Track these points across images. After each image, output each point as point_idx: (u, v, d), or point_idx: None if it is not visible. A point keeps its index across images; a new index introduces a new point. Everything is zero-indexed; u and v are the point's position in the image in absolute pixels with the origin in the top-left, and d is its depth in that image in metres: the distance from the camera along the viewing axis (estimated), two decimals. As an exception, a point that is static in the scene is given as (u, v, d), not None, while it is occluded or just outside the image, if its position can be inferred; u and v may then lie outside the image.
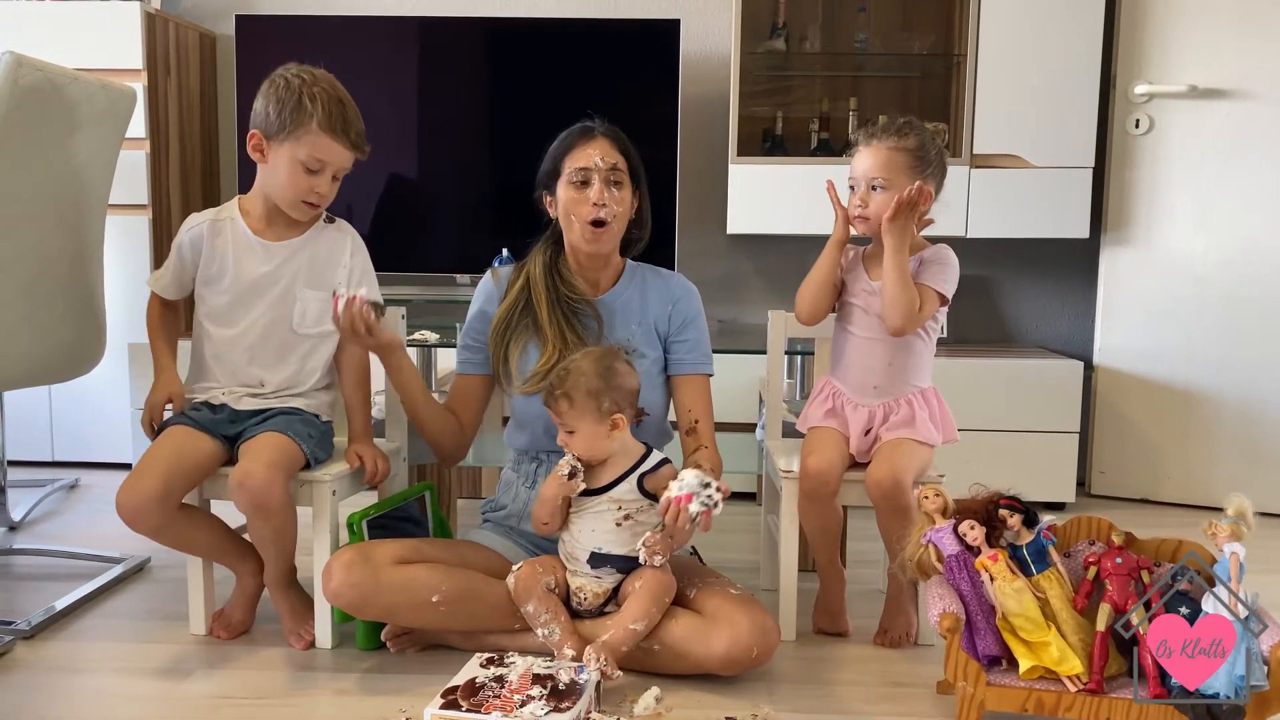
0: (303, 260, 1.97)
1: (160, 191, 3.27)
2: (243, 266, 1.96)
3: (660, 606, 1.77)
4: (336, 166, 1.91)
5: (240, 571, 2.00)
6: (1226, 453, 3.05)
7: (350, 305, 1.82)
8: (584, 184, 1.92)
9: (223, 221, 1.98)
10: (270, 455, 1.80)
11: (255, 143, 1.90)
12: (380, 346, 1.91)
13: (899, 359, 2.01)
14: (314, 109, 1.84)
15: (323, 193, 1.91)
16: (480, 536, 2.02)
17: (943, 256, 2.00)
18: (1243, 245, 3.00)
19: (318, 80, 1.88)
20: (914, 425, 1.98)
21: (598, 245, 1.94)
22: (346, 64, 3.21)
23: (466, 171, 3.27)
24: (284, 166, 1.88)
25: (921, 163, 1.95)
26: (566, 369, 1.81)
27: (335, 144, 1.88)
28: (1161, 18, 3.02)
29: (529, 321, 1.98)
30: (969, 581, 1.69)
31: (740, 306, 3.49)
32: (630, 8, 3.42)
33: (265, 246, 1.96)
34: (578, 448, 1.80)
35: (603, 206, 1.90)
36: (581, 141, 1.94)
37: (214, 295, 1.97)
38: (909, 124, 1.98)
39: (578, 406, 1.78)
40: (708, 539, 2.67)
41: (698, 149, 3.34)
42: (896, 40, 3.27)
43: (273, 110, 1.86)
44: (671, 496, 1.71)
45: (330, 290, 1.97)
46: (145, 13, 3.16)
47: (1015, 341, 3.48)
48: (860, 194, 1.98)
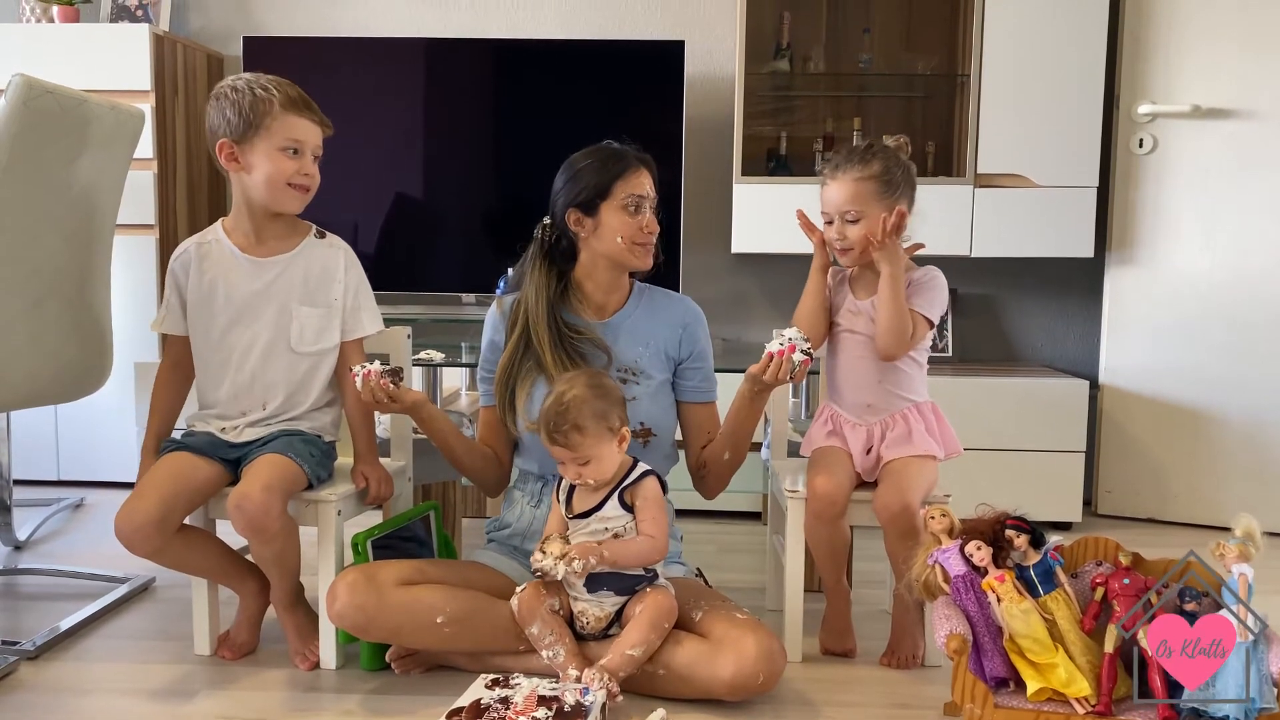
0: (296, 276, 1.97)
1: (167, 211, 3.28)
2: (234, 286, 1.95)
3: (659, 632, 1.76)
4: (312, 145, 1.93)
5: (243, 592, 1.99)
6: (1233, 472, 3.03)
7: (367, 380, 1.82)
8: (638, 210, 1.96)
9: (208, 244, 1.99)
10: (268, 478, 1.80)
11: (227, 153, 1.90)
12: (407, 409, 1.91)
13: (889, 375, 2.02)
14: (271, 95, 1.88)
15: (310, 173, 1.93)
16: (485, 557, 2.02)
17: (930, 280, 2.02)
18: (1247, 264, 3.00)
19: (260, 75, 1.92)
20: (911, 440, 1.98)
21: (649, 260, 1.99)
22: (353, 84, 3.28)
23: (472, 191, 3.29)
24: (264, 161, 1.89)
25: (888, 186, 1.98)
26: (563, 402, 1.78)
27: (303, 120, 1.91)
28: (1164, 38, 3.03)
29: (533, 364, 1.98)
30: (976, 602, 1.69)
31: (744, 325, 3.49)
32: (635, 29, 3.44)
33: (255, 263, 1.96)
34: (596, 474, 1.79)
35: (654, 233, 1.97)
36: (634, 168, 1.97)
37: (208, 321, 1.96)
38: (870, 149, 2.01)
39: (591, 434, 1.77)
40: (713, 560, 2.67)
41: (702, 169, 3.35)
42: (900, 60, 3.28)
43: (232, 114, 1.87)
44: (773, 350, 1.82)
45: (327, 307, 1.98)
46: (154, 35, 3.18)
47: (1021, 360, 3.47)
48: (836, 228, 2.01)
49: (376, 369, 1.82)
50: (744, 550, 2.78)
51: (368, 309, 2.02)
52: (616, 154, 1.98)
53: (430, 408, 1.96)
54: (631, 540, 1.79)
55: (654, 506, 1.82)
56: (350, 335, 1.99)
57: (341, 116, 3.17)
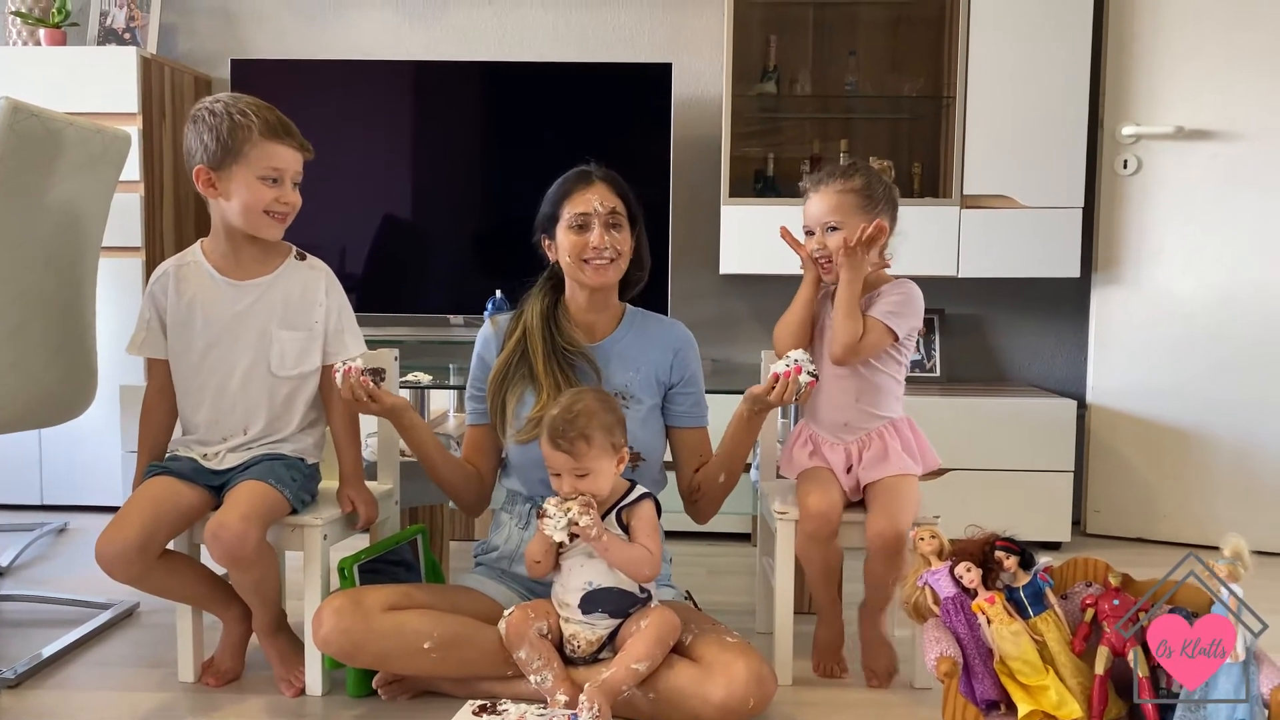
0: (276, 299, 1.95)
1: (154, 234, 3.27)
2: (213, 309, 1.93)
3: (664, 648, 1.75)
4: (292, 172, 1.90)
5: (227, 618, 1.97)
6: (1222, 491, 3.04)
7: (348, 376, 1.81)
8: (584, 228, 1.94)
9: (187, 266, 1.97)
10: (247, 506, 1.78)
11: (205, 179, 1.88)
12: (386, 411, 1.91)
13: (865, 394, 2.03)
14: (250, 121, 1.84)
15: (289, 200, 1.90)
16: (473, 581, 2.01)
17: (901, 291, 2.03)
18: (1232, 284, 3.02)
19: (240, 98, 1.89)
20: (888, 459, 1.99)
21: (603, 277, 1.96)
22: (341, 107, 3.28)
23: (461, 213, 3.29)
24: (242, 189, 1.86)
25: (870, 201, 2.01)
26: (573, 411, 1.78)
27: (283, 148, 1.88)
28: (1147, 59, 3.06)
29: (525, 371, 1.98)
30: (966, 624, 1.68)
31: (733, 346, 3.49)
32: (623, 52, 3.45)
33: (234, 286, 1.94)
34: (593, 488, 1.78)
35: (604, 249, 1.93)
36: (580, 186, 1.97)
37: (187, 344, 1.94)
38: (854, 166, 2.05)
39: (596, 445, 1.76)
40: (702, 582, 2.65)
41: (690, 190, 3.36)
42: (886, 83, 3.30)
43: (209, 140, 1.85)
44: (779, 370, 1.83)
45: (308, 329, 1.96)
46: (141, 57, 3.18)
47: (1008, 380, 3.48)
48: (817, 238, 2.03)
49: (358, 365, 1.82)
50: (733, 572, 2.77)
51: (350, 331, 2.01)
52: (573, 175, 1.99)
53: (411, 415, 1.95)
54: (630, 544, 1.79)
55: (649, 526, 1.82)
56: (332, 358, 1.97)
57: (329, 139, 3.20)
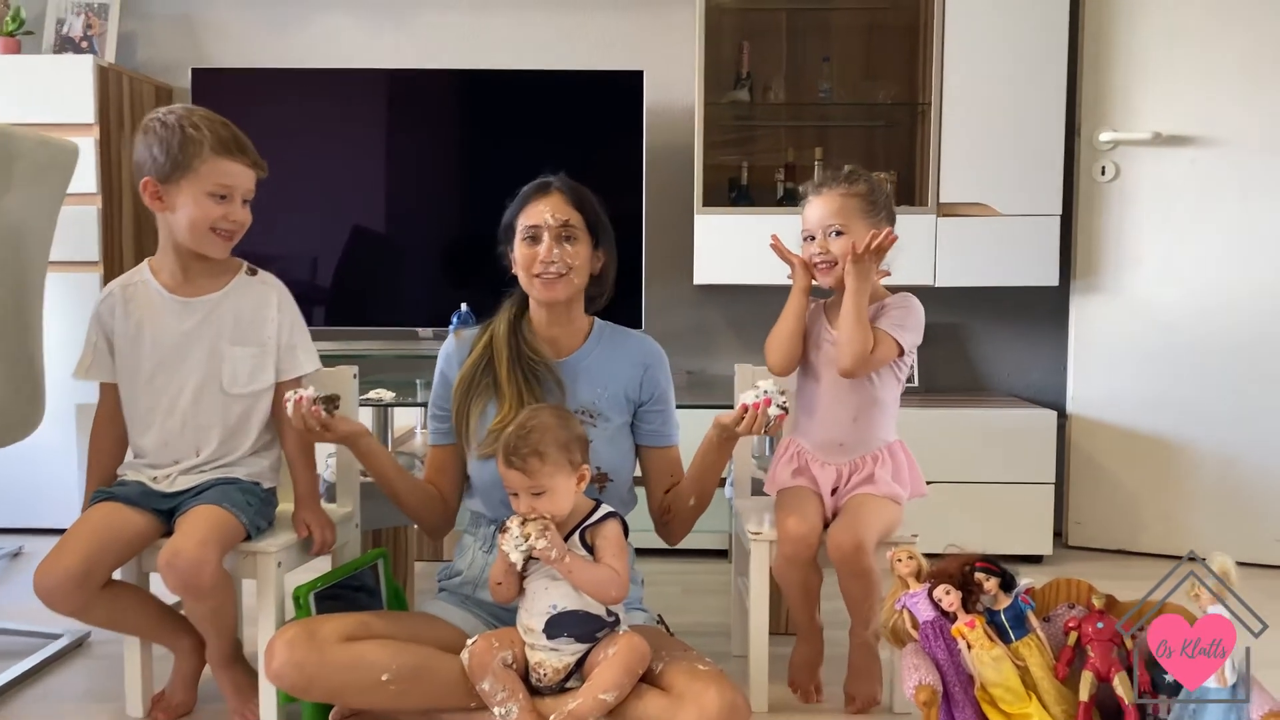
0: (225, 316, 1.89)
1: (113, 247, 3.18)
2: (161, 328, 1.87)
3: (632, 676, 1.68)
4: (243, 189, 1.84)
5: (178, 650, 1.89)
6: (1205, 501, 2.99)
7: (298, 406, 1.74)
8: (534, 240, 1.88)
9: (135, 286, 1.90)
10: (202, 532, 1.71)
11: (151, 191, 1.82)
12: (341, 439, 1.84)
13: (864, 414, 1.96)
14: (202, 136, 1.78)
15: (237, 219, 1.84)
16: (435, 608, 1.93)
17: (906, 304, 1.98)
18: (1211, 291, 2.99)
19: (194, 111, 1.83)
20: (874, 482, 1.93)
21: (552, 292, 1.89)
22: (306, 117, 3.20)
23: (429, 224, 3.22)
24: (189, 204, 1.80)
25: (874, 207, 1.97)
26: (527, 426, 1.72)
27: (235, 164, 1.81)
28: (1124, 65, 3.03)
29: (490, 381, 1.92)
30: (945, 649, 1.62)
31: (709, 358, 3.43)
32: (594, 60, 3.39)
33: (183, 303, 1.88)
34: (551, 507, 1.71)
35: (552, 264, 1.86)
36: (535, 198, 1.91)
37: (135, 365, 1.87)
38: (855, 172, 2.00)
39: (551, 462, 1.70)
40: (677, 601, 2.59)
41: (664, 199, 3.30)
42: (861, 89, 3.26)
43: (159, 152, 1.79)
44: (748, 402, 1.77)
45: (260, 346, 1.89)
46: (98, 66, 3.10)
47: (987, 390, 3.43)
48: (819, 242, 1.96)
49: (309, 395, 1.75)
50: (710, 591, 2.70)
51: (303, 347, 1.94)
52: (533, 185, 1.94)
53: (369, 441, 1.88)
54: (595, 565, 1.72)
55: (615, 546, 1.75)
56: (286, 375, 1.91)
57: (294, 150, 3.16)
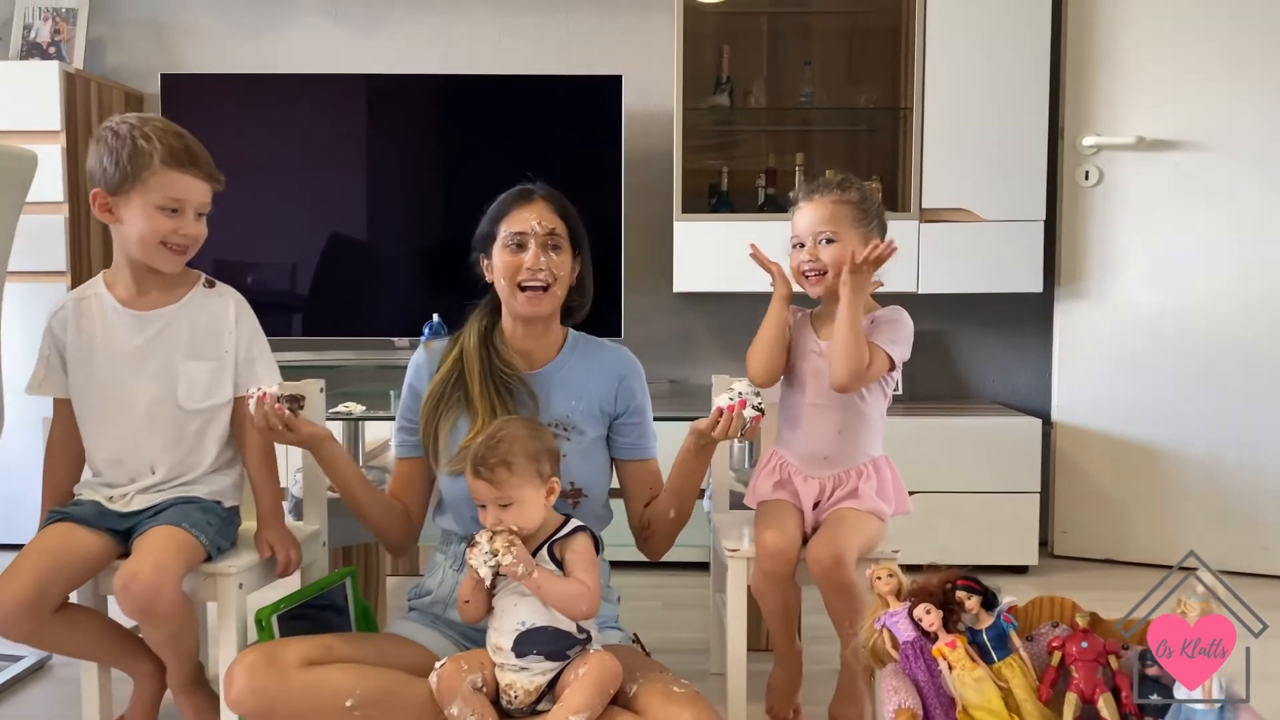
0: (181, 329, 1.83)
1: (80, 256, 3.12)
2: (114, 342, 1.81)
3: (604, 696, 1.63)
4: (196, 203, 1.78)
5: (138, 674, 1.83)
6: (1192, 509, 2.96)
7: (261, 403, 1.69)
8: (520, 248, 1.83)
9: (88, 299, 1.85)
10: (159, 555, 1.65)
11: (101, 203, 1.76)
12: (304, 441, 1.79)
13: (850, 427, 1.91)
14: (153, 148, 1.73)
15: (188, 233, 1.78)
16: (404, 628, 1.87)
17: (897, 318, 1.93)
18: (1196, 296, 2.96)
19: (148, 121, 1.77)
20: (858, 497, 1.89)
21: (536, 307, 1.84)
22: (278, 123, 3.15)
23: (403, 231, 3.16)
24: (139, 218, 1.74)
25: (866, 215, 1.92)
26: (495, 437, 1.68)
27: (186, 177, 1.75)
28: (1107, 70, 2.99)
29: (460, 395, 1.87)
30: (926, 670, 1.57)
31: (690, 367, 3.38)
32: (572, 64, 3.35)
33: (136, 317, 1.82)
34: (519, 520, 1.66)
35: (539, 271, 1.82)
36: (519, 204, 1.86)
37: (88, 380, 1.82)
38: (848, 179, 1.95)
39: (519, 473, 1.65)
40: (658, 616, 2.54)
41: (643, 206, 3.26)
42: (842, 94, 3.22)
43: (109, 163, 1.73)
44: (723, 405, 1.73)
45: (217, 359, 1.84)
46: (65, 72, 3.04)
47: (971, 398, 3.40)
48: (809, 249, 1.91)
49: (273, 392, 1.70)
50: (690, 605, 2.66)
51: (263, 361, 1.88)
52: (513, 193, 1.89)
53: (333, 446, 1.83)
54: (564, 579, 1.67)
55: (585, 560, 1.69)
56: (244, 390, 1.85)
57: (265, 156, 3.10)
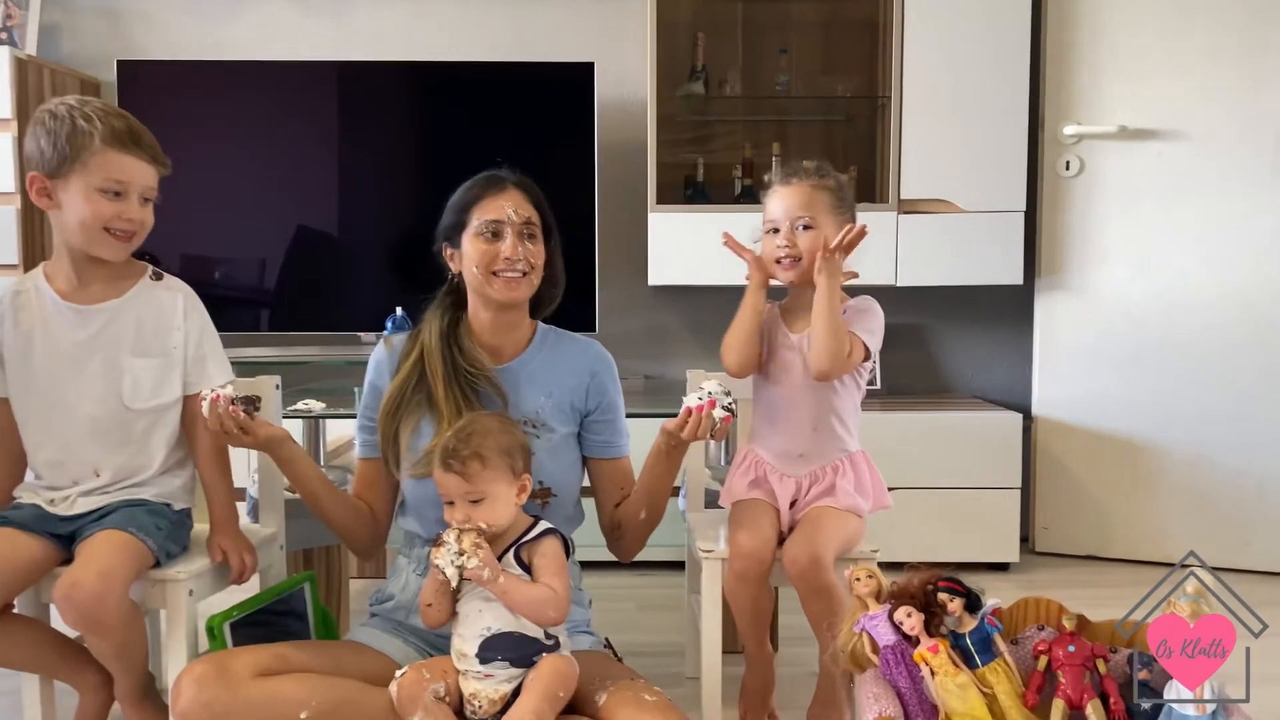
0: (126, 325, 1.74)
1: (34, 248, 3.02)
2: (54, 338, 1.72)
3: (553, 703, 1.55)
4: (140, 186, 1.69)
5: (82, 687, 1.74)
6: (1175, 504, 2.93)
7: (215, 405, 1.61)
8: (495, 236, 1.76)
9: (26, 293, 1.75)
10: (104, 561, 1.56)
11: (39, 187, 1.67)
12: (261, 444, 1.71)
13: (824, 423, 1.86)
14: (93, 127, 1.64)
15: (133, 218, 1.69)
16: (365, 635, 1.79)
17: (868, 307, 1.88)
18: (1179, 287, 2.92)
19: (88, 102, 1.68)
20: (834, 494, 1.83)
21: (514, 292, 1.77)
22: (238, 111, 3.05)
23: (368, 223, 3.08)
24: (79, 202, 1.65)
25: (843, 202, 1.88)
26: (467, 430, 1.61)
27: (129, 158, 1.67)
28: (1088, 58, 2.95)
29: (423, 397, 1.79)
30: (907, 676, 1.51)
31: (666, 362, 3.31)
32: (543, 51, 3.27)
33: (78, 311, 1.73)
34: (489, 517, 1.59)
35: (517, 262, 1.75)
36: (492, 192, 1.79)
37: (28, 378, 1.73)
38: (822, 166, 1.90)
39: (492, 466, 1.58)
40: (631, 617, 2.47)
41: (616, 197, 3.18)
42: (819, 83, 3.17)
43: (46, 145, 1.64)
44: (692, 405, 1.67)
45: (164, 356, 1.76)
46: (16, 59, 2.93)
47: (950, 392, 3.35)
48: (785, 234, 1.85)
49: (228, 394, 1.62)
50: (665, 607, 2.59)
51: (214, 358, 1.80)
52: (482, 179, 1.81)
53: (292, 447, 1.75)
54: (532, 584, 1.60)
55: (554, 564, 1.62)
56: (194, 388, 1.77)
57: (224, 145, 3.01)
